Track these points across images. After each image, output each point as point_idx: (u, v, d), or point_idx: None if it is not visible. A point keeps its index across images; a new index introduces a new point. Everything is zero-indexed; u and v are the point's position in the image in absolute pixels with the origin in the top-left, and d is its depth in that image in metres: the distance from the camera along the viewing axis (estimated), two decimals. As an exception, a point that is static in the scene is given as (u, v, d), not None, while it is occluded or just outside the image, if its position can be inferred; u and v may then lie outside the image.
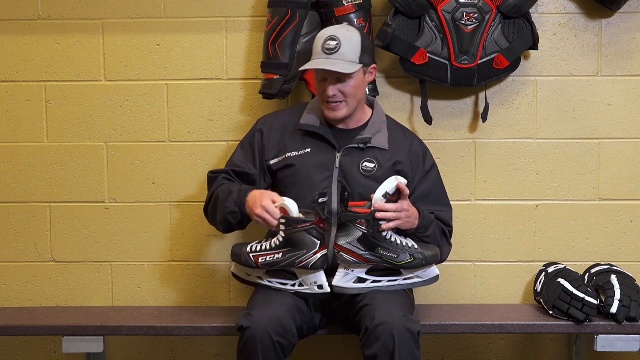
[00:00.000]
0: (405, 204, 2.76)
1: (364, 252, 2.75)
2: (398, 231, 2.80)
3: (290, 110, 3.08)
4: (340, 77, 2.83)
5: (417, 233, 2.85)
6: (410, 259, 2.76)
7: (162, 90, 3.34)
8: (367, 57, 2.87)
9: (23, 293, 3.42)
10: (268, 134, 2.98)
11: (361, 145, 2.91)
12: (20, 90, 3.36)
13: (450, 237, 3.02)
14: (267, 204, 2.75)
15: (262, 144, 2.97)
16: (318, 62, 2.83)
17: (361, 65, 2.84)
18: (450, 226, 3.00)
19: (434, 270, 2.85)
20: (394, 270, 2.81)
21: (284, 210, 2.75)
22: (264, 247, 2.79)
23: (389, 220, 2.73)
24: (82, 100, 3.36)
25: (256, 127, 3.03)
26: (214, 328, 3.03)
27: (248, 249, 2.81)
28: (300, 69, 2.90)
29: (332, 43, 2.82)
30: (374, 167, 2.89)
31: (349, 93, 2.85)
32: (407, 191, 2.76)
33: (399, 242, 2.77)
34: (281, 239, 2.77)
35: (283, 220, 2.75)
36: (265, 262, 2.78)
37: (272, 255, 2.77)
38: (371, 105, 3.03)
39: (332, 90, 2.83)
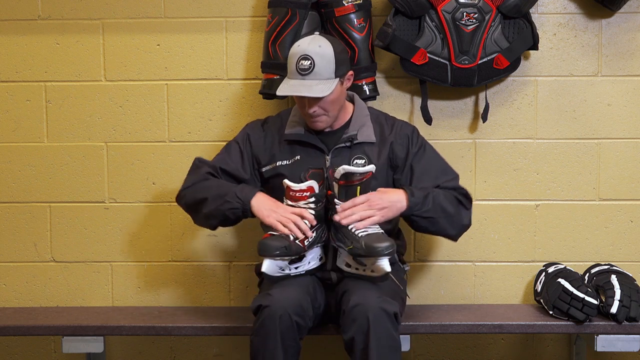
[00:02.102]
0: (358, 199, 2.73)
1: (334, 233, 2.78)
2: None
3: (276, 117, 3.06)
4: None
5: (415, 212, 2.80)
6: (350, 245, 2.71)
7: (162, 90, 3.35)
8: (342, 67, 2.84)
9: (23, 293, 3.42)
10: (257, 140, 2.98)
11: (348, 144, 2.91)
12: (20, 90, 3.37)
13: (469, 200, 2.95)
14: (306, 213, 2.76)
15: (252, 150, 2.97)
16: (294, 86, 2.80)
17: (337, 79, 2.82)
18: (461, 188, 2.94)
19: (383, 265, 2.70)
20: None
21: (311, 188, 2.75)
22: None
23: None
24: (82, 100, 3.36)
25: (245, 130, 3.03)
26: (214, 328, 3.03)
27: (291, 237, 2.73)
28: (278, 93, 2.84)
29: (306, 63, 2.79)
30: (365, 162, 2.89)
31: (328, 107, 2.85)
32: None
33: (349, 227, 2.72)
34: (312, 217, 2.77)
35: (313, 199, 2.75)
36: (308, 243, 2.76)
37: (311, 235, 2.76)
38: (351, 100, 3.01)
39: (311, 109, 2.83)
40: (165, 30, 3.33)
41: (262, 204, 2.81)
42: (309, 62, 2.78)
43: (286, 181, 2.77)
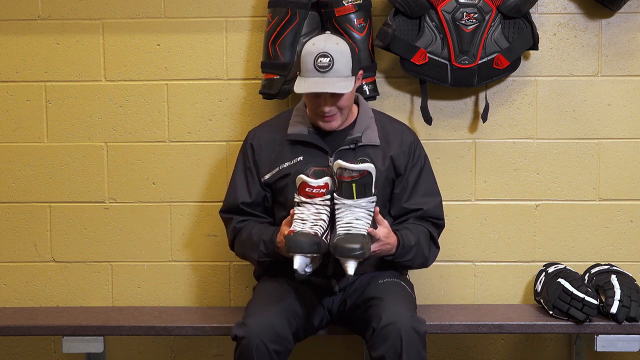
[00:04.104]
0: (382, 232, 2.74)
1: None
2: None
3: (276, 120, 3.05)
4: (335, 94, 2.79)
5: (395, 260, 2.84)
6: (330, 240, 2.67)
7: (162, 90, 3.34)
8: (356, 65, 2.84)
9: (23, 293, 3.42)
10: (259, 149, 2.97)
11: (352, 146, 2.89)
12: (20, 90, 3.37)
13: (441, 229, 3.00)
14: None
15: (254, 160, 2.96)
16: (315, 82, 2.76)
17: (354, 77, 2.82)
18: (440, 218, 2.98)
19: (347, 267, 2.62)
20: None
21: (327, 185, 2.69)
22: (324, 227, 2.68)
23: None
24: (82, 100, 3.36)
25: (246, 142, 3.02)
26: (214, 328, 3.03)
27: (319, 235, 2.67)
28: (297, 91, 2.79)
29: (325, 60, 2.76)
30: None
31: (343, 105, 2.83)
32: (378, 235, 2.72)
33: (336, 223, 2.66)
34: (329, 214, 2.70)
35: (328, 196, 2.69)
36: (329, 241, 2.72)
37: (328, 232, 2.71)
38: (356, 101, 3.00)
39: (327, 108, 2.81)
40: (165, 30, 3.32)
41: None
42: (328, 59, 2.76)
43: (302, 176, 2.69)
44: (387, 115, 3.10)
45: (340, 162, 2.65)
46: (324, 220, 2.69)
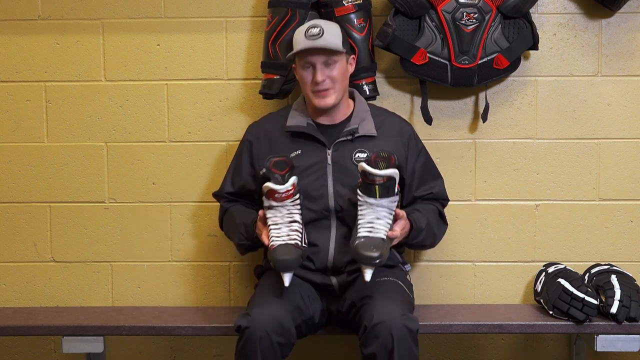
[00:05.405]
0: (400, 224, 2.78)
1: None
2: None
3: (275, 114, 3.09)
4: (327, 61, 2.85)
5: (407, 243, 2.90)
6: (351, 242, 2.70)
7: (162, 90, 3.34)
8: (347, 46, 2.92)
9: (23, 293, 3.42)
10: (257, 142, 3.01)
11: (349, 137, 2.92)
12: (20, 90, 3.37)
13: (444, 207, 3.08)
14: None
15: (251, 154, 3.01)
16: (306, 44, 2.84)
17: (344, 53, 2.88)
18: (446, 199, 3.08)
19: (364, 274, 2.69)
20: None
21: (294, 186, 2.73)
22: (300, 230, 2.75)
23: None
24: (82, 100, 3.36)
25: (245, 137, 3.07)
26: (214, 328, 3.03)
27: (300, 244, 2.74)
28: (289, 55, 2.90)
29: (315, 30, 2.85)
30: (366, 156, 2.89)
31: (336, 78, 2.87)
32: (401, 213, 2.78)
33: (358, 221, 2.71)
34: (301, 213, 2.77)
35: (297, 195, 2.75)
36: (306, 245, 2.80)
37: (303, 234, 2.78)
38: (352, 96, 3.05)
39: (320, 76, 2.85)
40: (165, 30, 3.33)
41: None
42: (318, 29, 2.85)
43: (269, 184, 2.72)
44: (382, 108, 3.12)
45: (364, 166, 2.67)
46: (298, 222, 2.75)
